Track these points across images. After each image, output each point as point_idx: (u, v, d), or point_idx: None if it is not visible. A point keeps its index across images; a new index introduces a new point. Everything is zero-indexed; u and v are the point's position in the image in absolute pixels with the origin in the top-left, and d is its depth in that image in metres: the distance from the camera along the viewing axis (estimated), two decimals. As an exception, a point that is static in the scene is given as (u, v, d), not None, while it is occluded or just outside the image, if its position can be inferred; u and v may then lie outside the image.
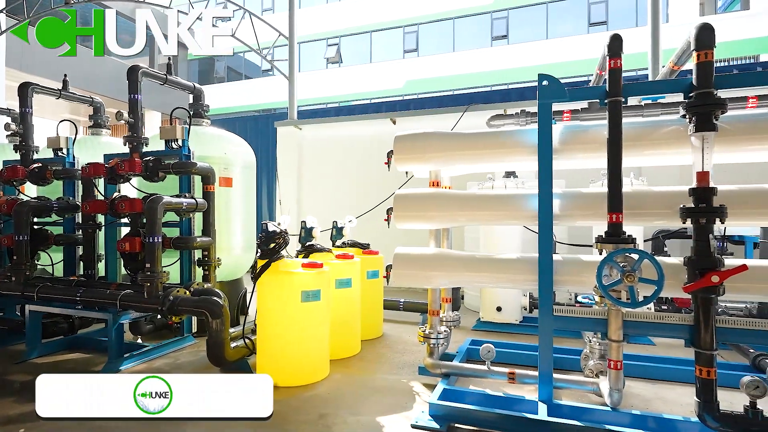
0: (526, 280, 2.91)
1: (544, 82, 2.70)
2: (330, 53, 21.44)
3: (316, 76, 20.79)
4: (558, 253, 3.06)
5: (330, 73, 21.57)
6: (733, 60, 15.27)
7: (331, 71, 21.69)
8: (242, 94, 21.94)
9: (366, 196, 5.85)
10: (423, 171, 3.45)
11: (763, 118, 2.56)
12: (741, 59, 15.33)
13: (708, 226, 2.35)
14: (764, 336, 2.40)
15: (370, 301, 4.61)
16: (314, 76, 20.74)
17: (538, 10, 18.96)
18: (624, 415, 2.55)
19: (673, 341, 3.95)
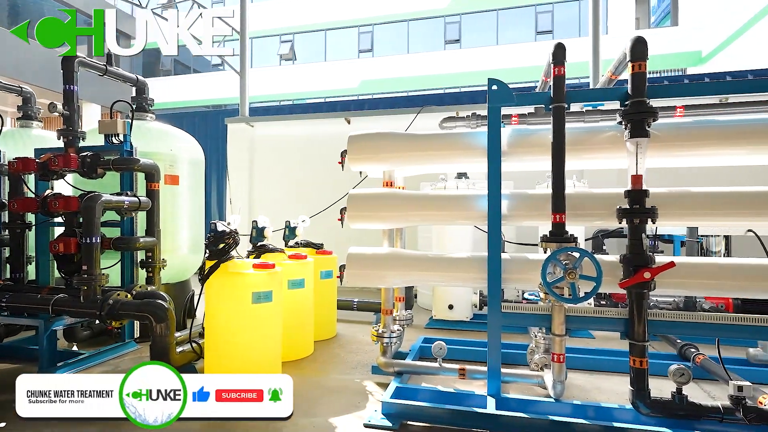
0: (476, 279, 3.00)
1: (493, 87, 2.79)
2: (283, 50, 21.07)
3: (269, 73, 20.36)
4: (506, 252, 3.18)
5: (283, 70, 21.18)
6: (663, 72, 16.47)
7: (284, 68, 21.31)
8: (190, 88, 21.09)
9: (320, 195, 5.80)
10: (377, 171, 3.46)
11: (690, 126, 2.78)
12: (671, 71, 16.55)
13: (641, 226, 2.52)
14: (689, 327, 2.61)
15: (324, 302, 4.57)
16: (267, 72, 20.29)
17: (489, 17, 19.58)
18: (566, 406, 2.68)
19: (611, 334, 4.19)
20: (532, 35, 19.13)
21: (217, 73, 20.64)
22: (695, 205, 2.71)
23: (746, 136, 2.67)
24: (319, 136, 7.98)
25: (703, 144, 2.72)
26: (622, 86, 2.67)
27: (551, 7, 18.98)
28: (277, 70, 20.99)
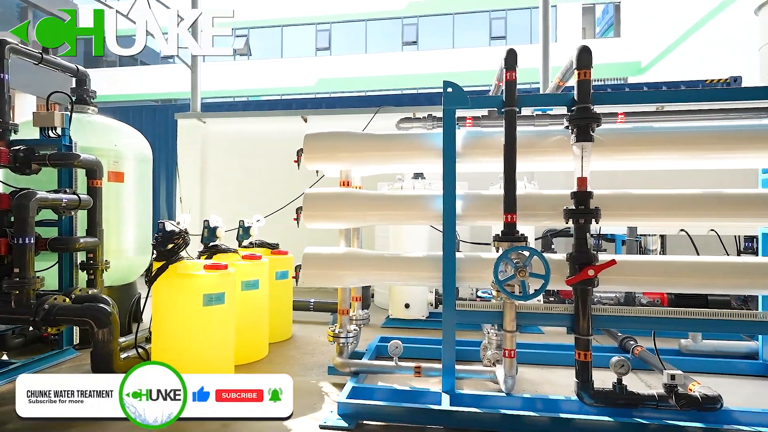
0: (431, 277, 3.04)
1: (448, 89, 2.85)
2: (238, 44, 20.48)
3: (223, 68, 19.74)
4: (461, 251, 3.25)
5: (238, 65, 20.61)
6: (607, 80, 17.42)
7: (239, 63, 20.73)
8: (138, 81, 20.10)
9: (275, 194, 5.69)
10: (334, 170, 3.44)
11: (630, 132, 2.95)
12: (614, 80, 17.53)
13: (586, 226, 2.65)
14: (629, 321, 2.77)
15: (279, 303, 4.49)
16: (220, 67, 19.67)
17: (446, 20, 19.95)
18: (516, 399, 2.78)
19: (559, 329, 4.39)
20: (487, 40, 19.68)
21: (167, 66, 19.79)
22: (634, 206, 2.88)
23: (679, 143, 2.87)
24: (274, 134, 7.82)
25: (641, 149, 2.90)
26: (569, 92, 2.79)
27: (505, 14, 19.59)
28: (231, 66, 20.39)
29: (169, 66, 19.49)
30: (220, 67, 19.59)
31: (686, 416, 2.52)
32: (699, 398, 2.47)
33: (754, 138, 2.80)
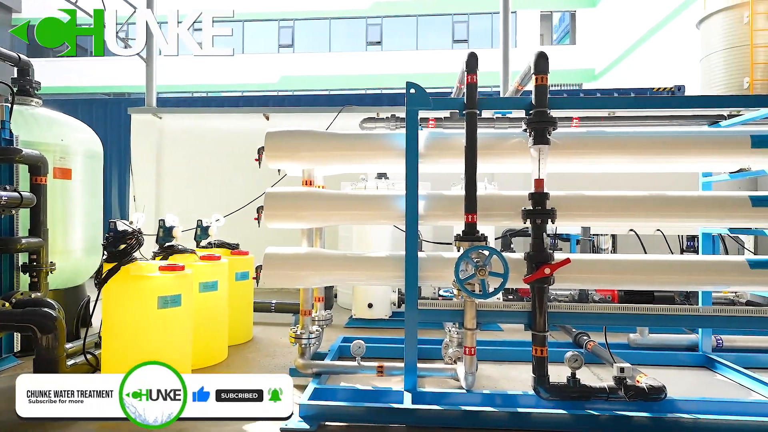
0: (394, 277, 3.06)
1: (411, 90, 2.87)
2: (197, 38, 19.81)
3: (181, 62, 19.03)
4: (424, 251, 3.29)
5: (197, 59, 19.93)
6: (564, 86, 18.09)
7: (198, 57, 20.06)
8: (88, 73, 19.07)
9: (235, 193, 5.56)
10: (296, 169, 3.40)
11: (583, 136, 3.08)
12: (569, 85, 18.23)
13: (542, 226, 2.74)
14: (582, 317, 2.90)
15: (239, 304, 4.38)
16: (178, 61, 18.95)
17: (410, 22, 20.11)
18: (476, 396, 2.84)
19: (517, 326, 4.53)
20: (450, 43, 19.99)
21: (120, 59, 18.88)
22: (587, 207, 3.00)
23: (628, 147, 3.01)
24: (235, 132, 7.64)
25: (594, 152, 3.02)
26: (527, 97, 2.88)
27: (467, 18, 19.97)
28: (190, 60, 19.69)
29: (122, 58, 18.62)
30: (178, 60, 18.88)
31: (634, 406, 2.65)
32: (645, 389, 2.61)
33: (695, 143, 2.99)
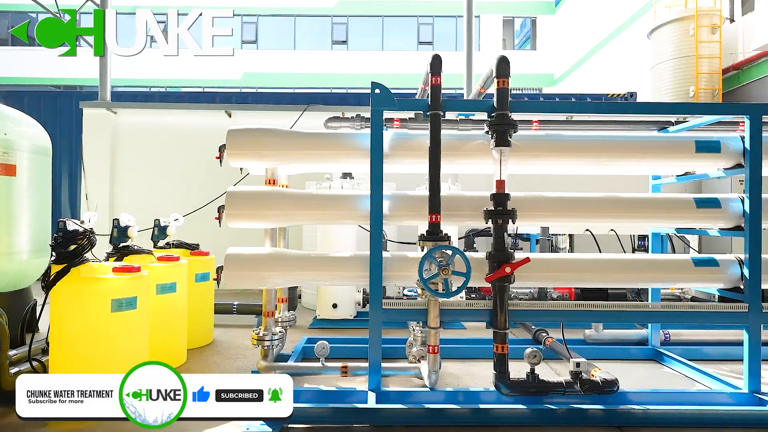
0: (359, 277, 3.05)
1: (376, 90, 2.87)
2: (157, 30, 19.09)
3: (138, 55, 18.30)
4: (388, 250, 3.31)
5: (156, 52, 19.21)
6: (525, 89, 18.63)
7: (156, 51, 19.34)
8: (35, 63, 18.00)
9: (196, 192, 5.40)
10: (259, 168, 3.33)
11: (543, 139, 3.18)
12: (530, 89, 18.78)
13: (503, 226, 2.81)
14: (541, 314, 2.98)
15: (199, 306, 4.26)
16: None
17: (375, 22, 20.14)
18: (440, 394, 2.88)
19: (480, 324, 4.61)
20: (415, 44, 20.17)
21: (71, 49, 17.92)
22: (546, 208, 3.10)
23: (585, 150, 3.13)
24: (196, 129, 7.43)
25: (553, 155, 3.13)
26: (489, 99, 2.94)
27: (432, 20, 20.20)
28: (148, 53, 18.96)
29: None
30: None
31: (589, 399, 2.77)
32: (599, 383, 2.72)
33: (645, 147, 3.15)
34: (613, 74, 14.04)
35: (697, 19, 9.34)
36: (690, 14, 9.48)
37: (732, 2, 9.94)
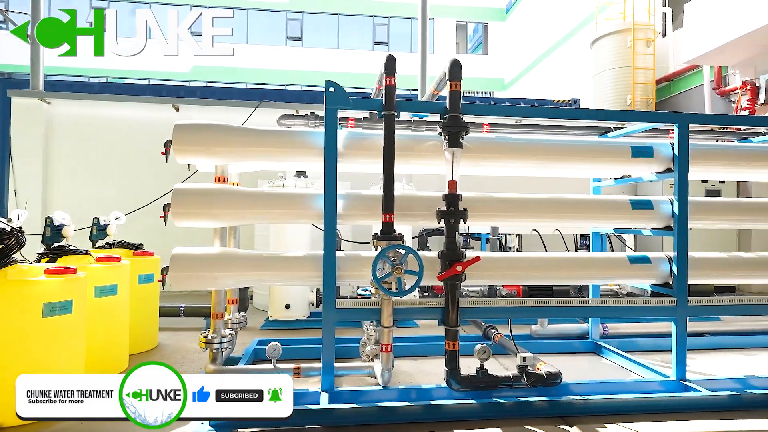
0: (312, 277, 3.02)
1: (330, 89, 2.85)
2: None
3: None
4: (342, 250, 3.29)
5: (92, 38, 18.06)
6: (477, 93, 19.15)
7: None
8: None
9: (140, 190, 5.13)
10: (208, 165, 3.22)
11: (493, 141, 3.28)
12: (481, 93, 19.33)
13: (455, 226, 2.88)
14: (491, 311, 3.08)
15: (143, 309, 4.06)
16: (72, 41, 17.01)
17: (331, 20, 19.98)
18: (392, 392, 2.91)
19: (432, 322, 4.69)
20: (371, 44, 20.20)
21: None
22: (496, 208, 3.21)
23: (532, 152, 3.26)
24: (140, 123, 7.07)
25: (503, 157, 3.24)
26: (442, 101, 3.00)
27: (387, 21, 20.32)
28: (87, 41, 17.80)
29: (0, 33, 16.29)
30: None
31: (535, 392, 2.89)
32: (544, 375, 2.85)
33: (586, 151, 3.32)
34: (559, 81, 14.72)
35: (634, 33, 9.98)
36: (627, 27, 10.11)
37: (664, 18, 10.70)
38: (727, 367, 3.83)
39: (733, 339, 4.46)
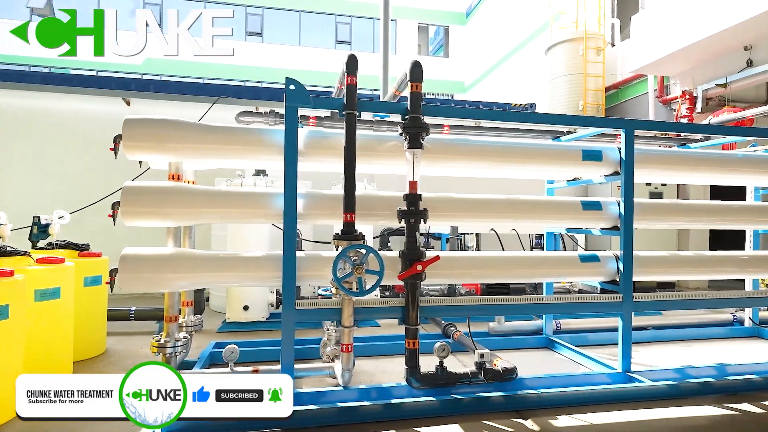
0: (272, 277, 2.96)
1: (291, 86, 2.81)
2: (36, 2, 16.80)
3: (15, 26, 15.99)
4: (303, 250, 3.25)
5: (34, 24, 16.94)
6: (438, 95, 19.42)
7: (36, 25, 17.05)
8: None
9: (87, 187, 4.86)
10: (162, 162, 3.09)
11: (453, 143, 3.34)
12: (442, 95, 19.63)
13: (416, 225, 2.91)
14: (450, 309, 3.13)
15: (89, 313, 3.85)
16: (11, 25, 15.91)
17: (292, 17, 19.68)
18: (353, 392, 2.90)
19: (393, 321, 4.73)
20: (333, 43, 20.05)
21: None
22: (455, 208, 3.27)
23: (491, 154, 3.35)
24: (88, 116, 6.71)
25: (462, 158, 3.30)
26: (403, 102, 3.02)
27: (350, 20, 20.24)
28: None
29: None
30: (10, 25, 15.85)
31: (492, 387, 2.97)
32: (501, 371, 2.94)
33: (541, 154, 3.45)
34: (516, 85, 15.17)
35: (585, 41, 10.44)
36: (579, 36, 10.56)
37: (613, 29, 11.25)
38: (667, 358, 4.08)
39: (673, 332, 4.76)
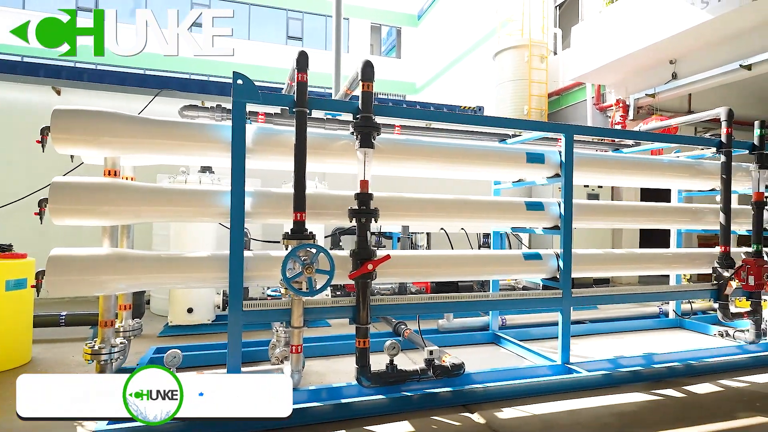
0: (218, 278, 2.87)
1: (238, 81, 2.72)
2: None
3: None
4: (252, 249, 3.16)
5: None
6: (391, 95, 19.57)
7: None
8: None
9: (10, 183, 4.47)
10: (97, 157, 2.90)
11: (404, 143, 3.37)
12: (394, 95, 19.80)
13: (367, 224, 2.91)
14: (401, 308, 3.17)
15: (12, 320, 3.55)
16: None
17: (242, 9, 19.08)
18: (303, 393, 2.86)
19: (345, 321, 4.71)
20: (284, 38, 19.66)
21: None
22: (406, 208, 3.31)
23: (440, 155, 3.41)
24: (11, 106, 6.16)
25: (413, 158, 3.34)
26: (355, 101, 3.01)
27: (302, 16, 19.93)
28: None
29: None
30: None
31: (441, 383, 3.03)
32: (449, 367, 3.01)
33: (488, 156, 3.56)
34: (466, 88, 15.57)
35: (530, 48, 10.90)
36: (525, 44, 11.01)
37: (555, 38, 11.82)
38: (602, 350, 4.35)
39: (608, 325, 5.08)
